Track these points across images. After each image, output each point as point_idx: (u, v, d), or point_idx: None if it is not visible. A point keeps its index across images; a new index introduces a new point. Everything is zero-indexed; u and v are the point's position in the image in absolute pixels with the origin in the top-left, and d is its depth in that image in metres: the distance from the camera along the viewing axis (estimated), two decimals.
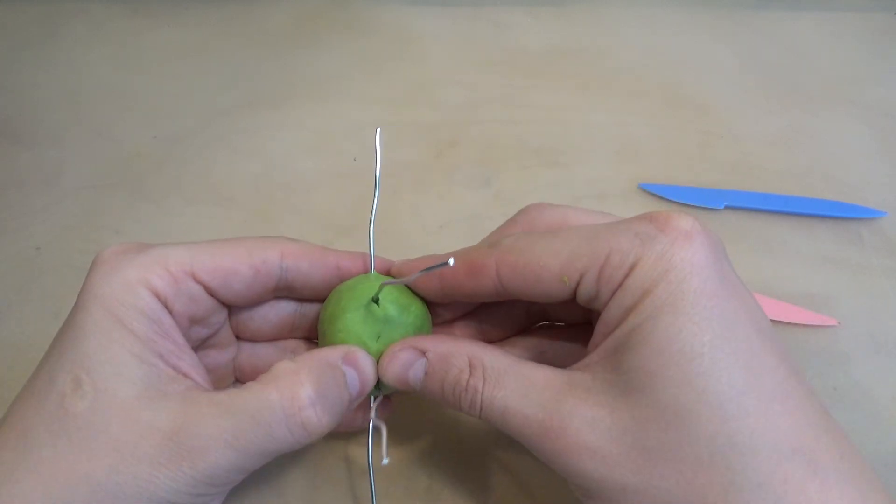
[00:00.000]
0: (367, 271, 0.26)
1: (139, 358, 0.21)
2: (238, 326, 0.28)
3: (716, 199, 0.39)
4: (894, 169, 0.42)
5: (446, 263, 0.22)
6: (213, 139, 0.44)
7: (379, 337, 0.24)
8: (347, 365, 0.23)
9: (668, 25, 0.53)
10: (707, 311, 0.19)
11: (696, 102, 0.46)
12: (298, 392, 0.22)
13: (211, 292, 0.24)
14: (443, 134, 0.44)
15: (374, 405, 0.26)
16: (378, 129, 0.26)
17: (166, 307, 0.23)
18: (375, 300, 0.24)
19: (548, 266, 0.22)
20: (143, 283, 0.22)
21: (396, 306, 0.24)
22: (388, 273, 0.27)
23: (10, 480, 0.20)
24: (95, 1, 0.55)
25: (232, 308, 0.27)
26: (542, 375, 0.22)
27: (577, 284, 0.22)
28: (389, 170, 0.42)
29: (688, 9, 0.54)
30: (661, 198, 0.40)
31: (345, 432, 0.29)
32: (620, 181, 0.41)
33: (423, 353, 0.23)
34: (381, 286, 0.24)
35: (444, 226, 0.39)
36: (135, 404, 0.21)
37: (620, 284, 0.21)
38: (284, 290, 0.26)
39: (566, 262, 0.21)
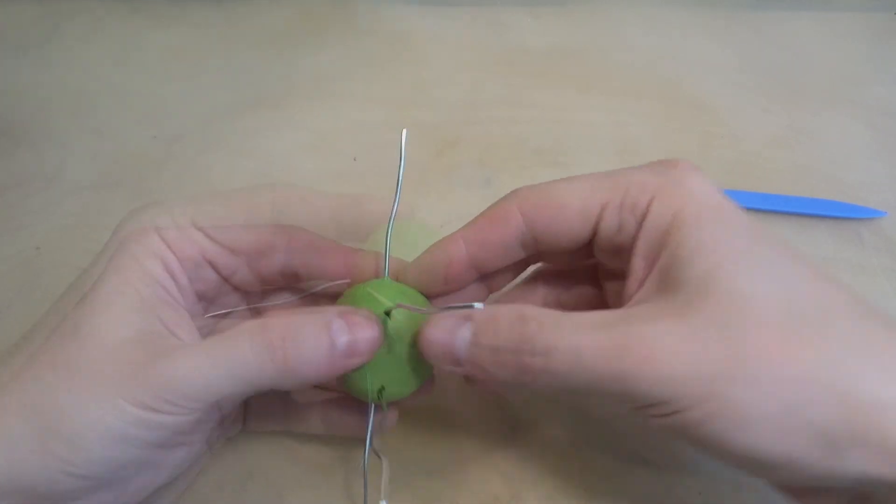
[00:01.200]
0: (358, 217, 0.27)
1: (145, 283, 0.24)
2: (253, 274, 0.28)
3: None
4: (894, 169, 0.42)
5: (471, 306, 0.22)
6: (213, 139, 0.44)
7: (389, 350, 0.24)
8: (338, 317, 0.23)
9: (668, 25, 0.53)
10: (737, 220, 0.22)
11: (696, 102, 0.46)
12: (271, 320, 0.23)
13: (214, 239, 0.26)
14: (443, 134, 0.44)
15: (371, 413, 0.25)
16: (404, 131, 0.26)
17: (173, 265, 0.25)
18: (387, 313, 0.24)
19: (569, 204, 0.23)
20: (152, 248, 0.25)
21: (406, 317, 0.24)
22: (396, 277, 0.26)
23: (5, 362, 0.22)
24: (95, 1, 0.55)
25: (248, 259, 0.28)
26: (598, 315, 0.21)
27: (598, 220, 0.23)
28: (390, 169, 0.42)
29: (688, 9, 0.54)
30: None
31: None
32: None
33: (467, 318, 0.22)
34: (395, 306, 0.24)
35: (444, 225, 0.39)
36: (128, 311, 0.23)
37: (647, 211, 0.22)
38: (293, 278, 0.27)
39: (587, 197, 0.23)
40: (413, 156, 0.43)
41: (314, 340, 0.22)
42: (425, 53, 0.51)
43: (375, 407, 0.25)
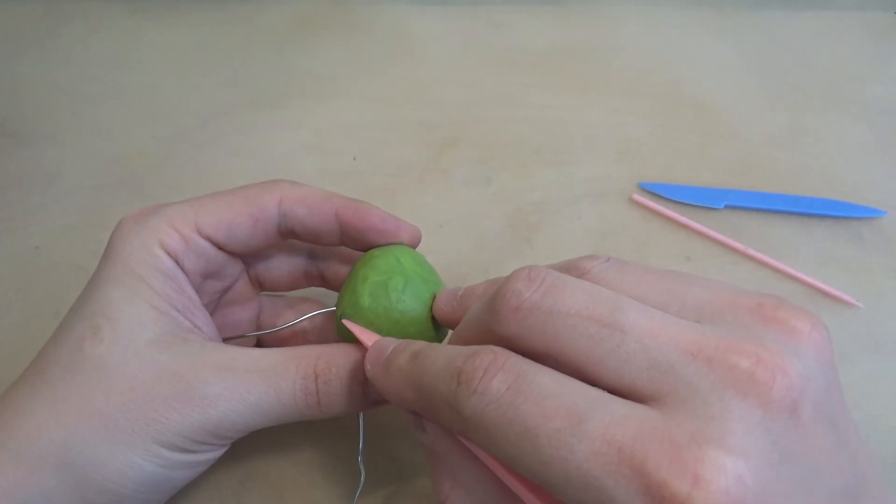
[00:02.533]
0: (370, 226, 0.26)
1: (158, 309, 0.23)
2: (256, 278, 0.29)
3: (716, 198, 0.39)
4: (894, 168, 0.42)
5: None
6: (212, 139, 0.44)
7: (397, 322, 0.24)
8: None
9: (669, 25, 0.53)
10: None
11: (696, 102, 0.46)
12: (312, 371, 0.23)
13: (218, 245, 0.25)
14: (443, 134, 0.44)
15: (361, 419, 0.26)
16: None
17: (179, 265, 0.24)
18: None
19: (528, 474, 0.17)
20: (158, 243, 0.23)
21: (414, 298, 0.25)
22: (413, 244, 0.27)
23: (27, 412, 0.21)
24: (95, 1, 0.55)
25: (246, 258, 0.28)
26: None
27: None
28: (389, 169, 0.42)
29: (688, 8, 0.54)
30: (661, 197, 0.40)
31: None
32: (620, 180, 0.41)
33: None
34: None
35: (443, 225, 0.39)
36: (152, 349, 0.22)
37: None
38: (290, 235, 0.27)
39: (551, 486, 0.16)
40: (413, 156, 0.43)
41: (350, 392, 0.23)
42: (425, 53, 0.51)
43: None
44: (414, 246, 0.27)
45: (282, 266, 0.29)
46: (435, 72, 0.49)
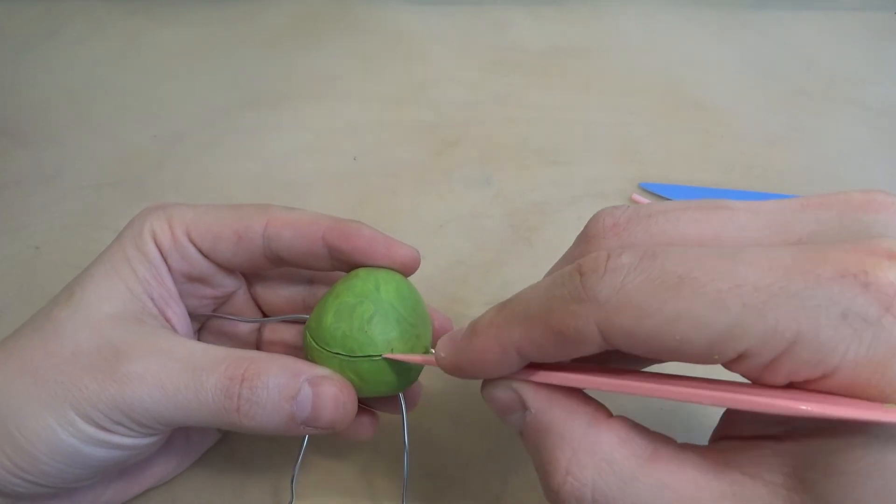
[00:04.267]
0: (355, 248, 0.24)
1: (130, 291, 0.23)
2: (255, 298, 0.29)
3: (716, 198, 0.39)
4: (894, 168, 0.42)
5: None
6: (213, 139, 0.44)
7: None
8: (311, 385, 0.22)
9: (668, 25, 0.53)
10: None
11: (696, 102, 0.46)
12: (240, 374, 0.21)
13: (204, 254, 0.25)
14: (443, 134, 0.44)
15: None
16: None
17: (164, 260, 0.25)
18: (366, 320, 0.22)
19: (690, 340, 0.15)
20: (150, 233, 0.24)
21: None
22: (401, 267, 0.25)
23: None
24: (95, 1, 0.55)
25: (247, 277, 0.28)
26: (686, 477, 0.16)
27: (732, 361, 0.15)
28: (389, 169, 0.42)
29: (688, 8, 0.54)
30: (661, 197, 0.40)
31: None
32: (620, 180, 0.41)
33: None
34: (382, 357, 0.22)
35: (443, 225, 0.39)
36: (108, 322, 0.22)
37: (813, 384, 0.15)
38: (277, 261, 0.26)
39: (719, 340, 0.15)
40: (413, 155, 0.43)
41: (273, 406, 0.21)
42: (425, 53, 0.51)
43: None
44: (408, 270, 0.25)
45: (280, 291, 0.28)
46: (435, 72, 0.49)
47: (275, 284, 0.28)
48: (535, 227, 0.39)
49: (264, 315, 0.29)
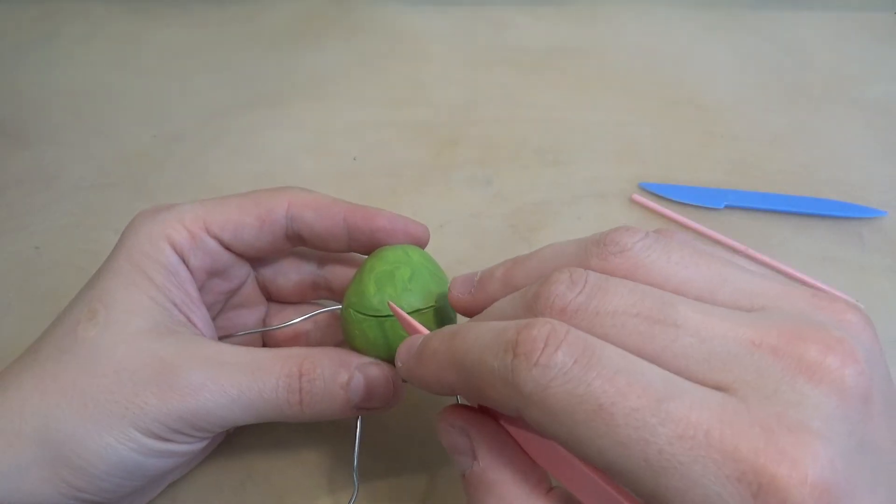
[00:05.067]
0: (378, 227, 0.26)
1: (154, 301, 0.23)
2: (263, 285, 0.29)
3: (716, 198, 0.39)
4: (894, 168, 0.42)
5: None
6: (213, 139, 0.44)
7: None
8: (360, 371, 0.24)
9: (668, 25, 0.53)
10: None
11: (696, 102, 0.46)
12: (297, 370, 0.23)
13: (225, 245, 0.25)
14: (443, 134, 0.44)
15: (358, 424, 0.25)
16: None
17: (184, 261, 0.24)
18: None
19: (593, 460, 0.15)
20: (164, 237, 0.24)
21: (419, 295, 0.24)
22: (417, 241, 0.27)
23: (13, 387, 0.21)
24: (95, 1, 0.55)
25: (254, 263, 0.28)
26: None
27: None
28: (389, 169, 0.42)
29: (688, 9, 0.54)
30: (661, 197, 0.40)
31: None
32: (620, 181, 0.41)
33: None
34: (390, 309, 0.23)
35: (444, 225, 0.39)
36: (143, 337, 0.22)
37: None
38: (297, 241, 0.27)
39: (615, 476, 0.15)
40: (413, 155, 0.43)
41: (331, 394, 0.23)
42: (425, 53, 0.51)
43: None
44: (423, 244, 0.27)
45: (290, 274, 0.29)
46: (435, 72, 0.49)
47: (284, 268, 0.29)
48: (535, 227, 0.39)
49: (271, 300, 0.30)
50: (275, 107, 0.46)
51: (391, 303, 0.23)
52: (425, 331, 0.21)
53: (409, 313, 0.23)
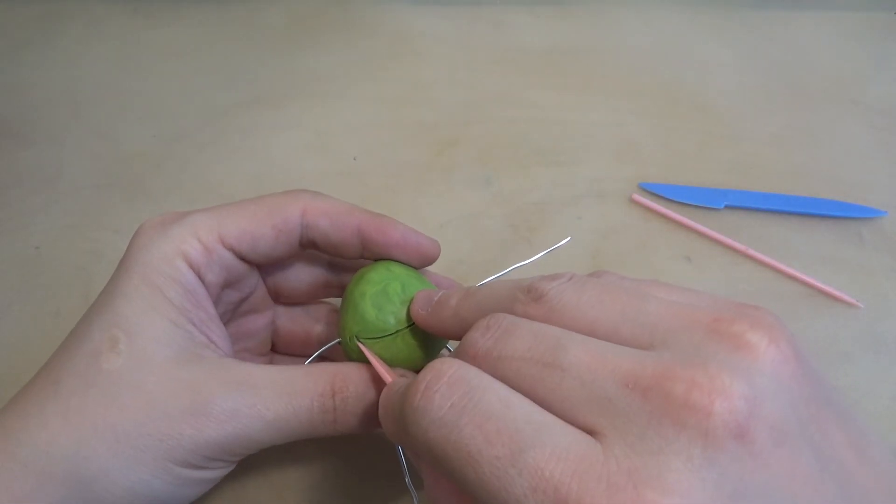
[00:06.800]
0: (392, 242, 0.26)
1: (175, 324, 0.22)
2: (274, 289, 0.29)
3: (716, 198, 0.39)
4: (894, 168, 0.42)
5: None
6: (212, 139, 0.44)
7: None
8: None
9: (668, 25, 0.53)
10: None
11: (696, 102, 0.46)
12: (329, 389, 0.23)
13: (240, 256, 0.25)
14: (443, 134, 0.44)
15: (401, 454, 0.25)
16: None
17: (200, 277, 0.24)
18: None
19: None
20: (180, 254, 0.23)
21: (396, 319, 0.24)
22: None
23: (38, 423, 0.20)
24: (95, 1, 0.55)
25: (264, 269, 0.28)
26: None
27: None
28: (389, 169, 0.42)
29: (688, 9, 0.54)
30: (661, 197, 0.40)
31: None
32: (620, 181, 0.41)
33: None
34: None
35: (444, 225, 0.39)
36: (170, 365, 0.21)
37: None
38: (311, 247, 0.27)
39: None
40: (413, 155, 0.43)
41: (365, 411, 0.23)
42: (425, 53, 0.51)
43: None
44: (431, 261, 0.27)
45: (302, 277, 0.28)
46: (435, 72, 0.49)
47: (296, 271, 0.28)
48: (535, 227, 0.39)
49: (279, 302, 0.29)
50: (275, 107, 0.46)
51: (360, 343, 0.24)
52: (389, 379, 0.22)
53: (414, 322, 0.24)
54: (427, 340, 0.25)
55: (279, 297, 0.29)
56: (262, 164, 0.42)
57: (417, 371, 0.24)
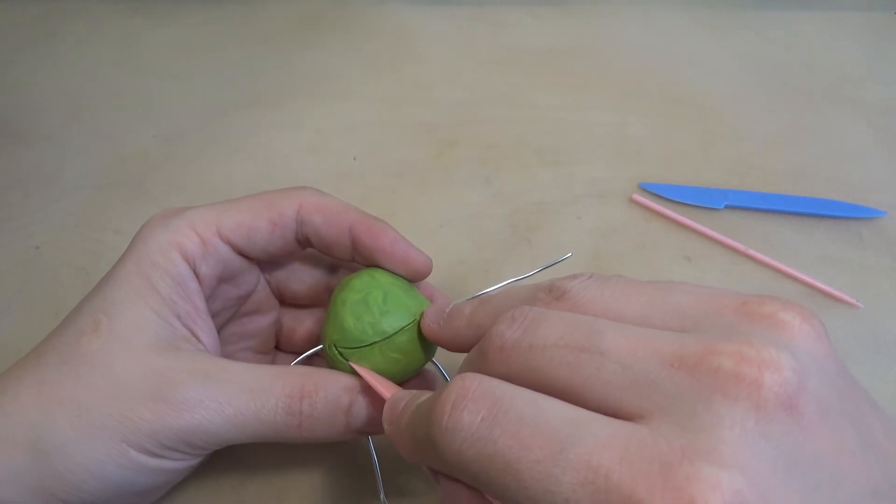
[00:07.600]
0: (378, 247, 0.25)
1: (158, 314, 0.22)
2: (277, 290, 0.29)
3: (716, 198, 0.39)
4: (894, 168, 0.42)
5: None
6: (213, 139, 0.44)
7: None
8: (361, 395, 0.23)
9: (668, 25, 0.53)
10: None
11: (696, 102, 0.46)
12: (298, 391, 0.22)
13: (237, 250, 0.25)
14: (443, 134, 0.44)
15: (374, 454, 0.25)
16: None
17: (194, 270, 0.24)
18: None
19: None
20: (175, 246, 0.23)
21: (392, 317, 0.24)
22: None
23: (14, 394, 0.21)
24: (95, 0, 0.55)
25: (268, 267, 0.28)
26: None
27: None
28: (389, 169, 0.42)
29: (688, 9, 0.54)
30: (661, 197, 0.40)
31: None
32: (620, 181, 0.41)
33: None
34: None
35: (444, 225, 0.39)
36: (145, 351, 0.22)
37: None
38: (307, 244, 0.26)
39: None
40: (413, 156, 0.43)
41: (331, 419, 0.23)
42: (425, 53, 0.51)
43: None
44: (420, 277, 0.26)
45: (303, 278, 0.28)
46: (435, 72, 0.49)
47: (298, 271, 0.28)
48: (535, 227, 0.39)
49: (283, 304, 0.30)
50: (275, 107, 0.46)
51: (353, 363, 0.23)
52: (387, 394, 0.22)
53: (392, 333, 0.24)
54: (406, 354, 0.24)
55: (283, 299, 0.29)
56: (262, 164, 0.42)
57: (398, 384, 0.24)
